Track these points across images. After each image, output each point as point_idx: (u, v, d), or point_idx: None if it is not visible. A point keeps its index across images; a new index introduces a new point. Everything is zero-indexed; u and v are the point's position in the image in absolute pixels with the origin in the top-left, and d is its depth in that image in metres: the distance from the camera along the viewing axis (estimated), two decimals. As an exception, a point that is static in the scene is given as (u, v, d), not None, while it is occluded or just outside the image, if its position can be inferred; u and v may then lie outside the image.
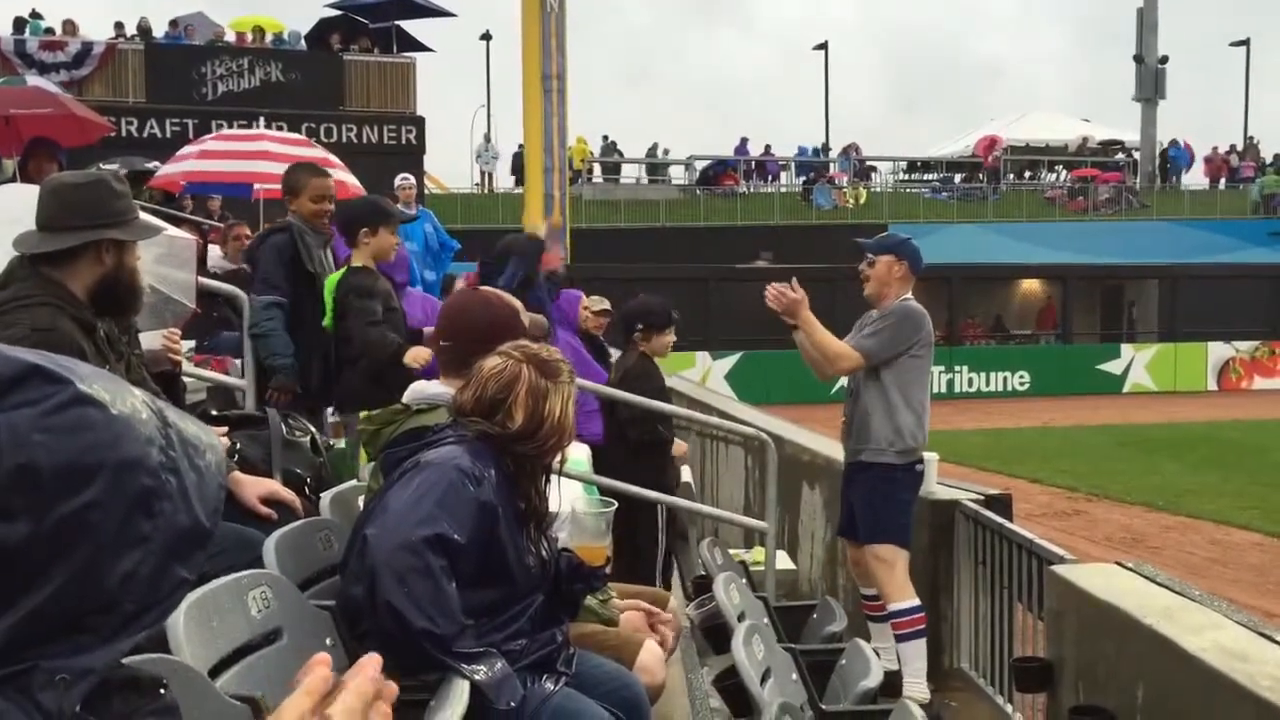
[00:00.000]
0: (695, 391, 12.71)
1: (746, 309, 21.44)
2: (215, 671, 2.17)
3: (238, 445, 3.59)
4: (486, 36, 38.49)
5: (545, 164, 15.99)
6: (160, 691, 1.10)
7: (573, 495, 3.98)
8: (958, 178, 37.85)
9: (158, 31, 25.64)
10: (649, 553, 5.97)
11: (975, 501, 5.79)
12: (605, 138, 35.86)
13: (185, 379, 4.44)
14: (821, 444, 7.56)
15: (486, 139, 34.68)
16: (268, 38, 26.00)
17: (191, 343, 6.54)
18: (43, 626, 0.95)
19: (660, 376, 6.40)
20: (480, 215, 29.13)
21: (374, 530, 2.57)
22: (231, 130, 15.13)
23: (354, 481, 3.75)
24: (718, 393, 16.43)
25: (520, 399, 2.77)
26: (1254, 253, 31.00)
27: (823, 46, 43.48)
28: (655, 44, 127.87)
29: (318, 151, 9.87)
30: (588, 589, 3.04)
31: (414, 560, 2.49)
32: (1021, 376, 26.60)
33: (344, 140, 23.78)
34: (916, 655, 5.31)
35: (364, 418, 3.26)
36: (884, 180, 37.70)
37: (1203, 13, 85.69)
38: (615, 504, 3.98)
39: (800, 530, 7.65)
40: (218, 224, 10.10)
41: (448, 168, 55.10)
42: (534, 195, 16.34)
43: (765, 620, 4.29)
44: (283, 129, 14.92)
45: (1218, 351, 27.45)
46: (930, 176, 38.40)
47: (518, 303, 3.68)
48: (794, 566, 7.29)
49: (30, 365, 0.97)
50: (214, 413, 4.33)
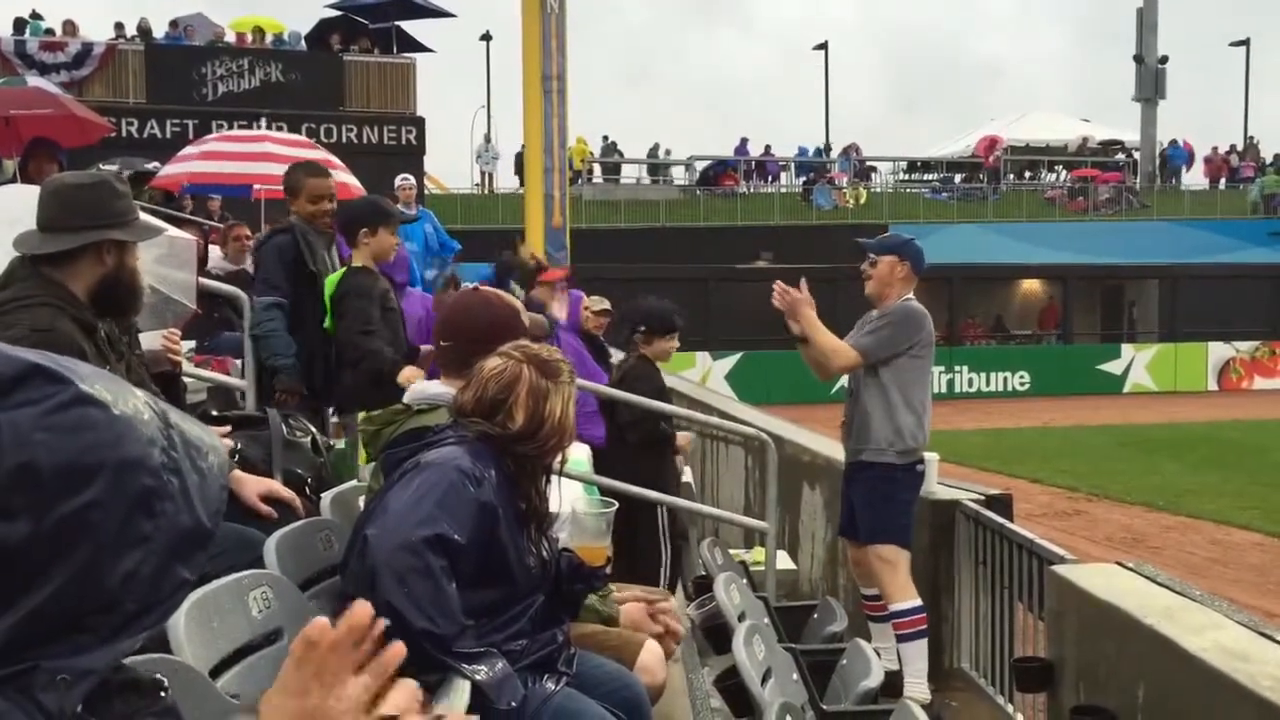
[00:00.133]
0: (695, 391, 12.70)
1: (747, 309, 21.65)
2: (216, 672, 2.17)
3: (239, 446, 3.58)
4: (486, 37, 38.52)
5: (545, 164, 15.96)
6: (161, 694, 1.10)
7: (573, 496, 3.97)
8: (958, 178, 37.83)
9: (158, 32, 25.63)
10: (650, 553, 5.96)
11: (976, 501, 5.79)
12: (605, 138, 35.88)
13: (185, 379, 4.43)
14: (822, 444, 7.56)
15: (486, 139, 34.69)
16: (268, 38, 25.98)
17: (192, 343, 6.52)
18: (43, 626, 0.95)
19: (660, 378, 6.38)
20: (480, 216, 29.15)
21: (374, 530, 2.57)
22: (234, 131, 15.14)
23: (354, 482, 3.75)
24: (718, 393, 16.42)
25: (521, 399, 2.76)
26: (1254, 253, 30.98)
27: (823, 46, 43.50)
28: (655, 44, 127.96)
29: (320, 153, 9.84)
30: (588, 589, 3.04)
31: (414, 561, 2.49)
32: (1022, 377, 26.62)
33: (344, 141, 23.74)
34: (918, 655, 5.31)
35: (365, 418, 3.26)
36: (884, 180, 37.67)
37: (1203, 13, 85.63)
38: (616, 504, 3.97)
39: (801, 530, 7.65)
40: (218, 224, 10.08)
41: (448, 168, 55.14)
42: (534, 195, 16.31)
43: (766, 620, 4.29)
44: (283, 129, 14.93)
45: (1218, 351, 27.47)
46: (930, 176, 38.37)
47: (518, 303, 3.68)
48: (794, 566, 7.29)
49: (32, 365, 0.97)
50: (214, 413, 4.32)
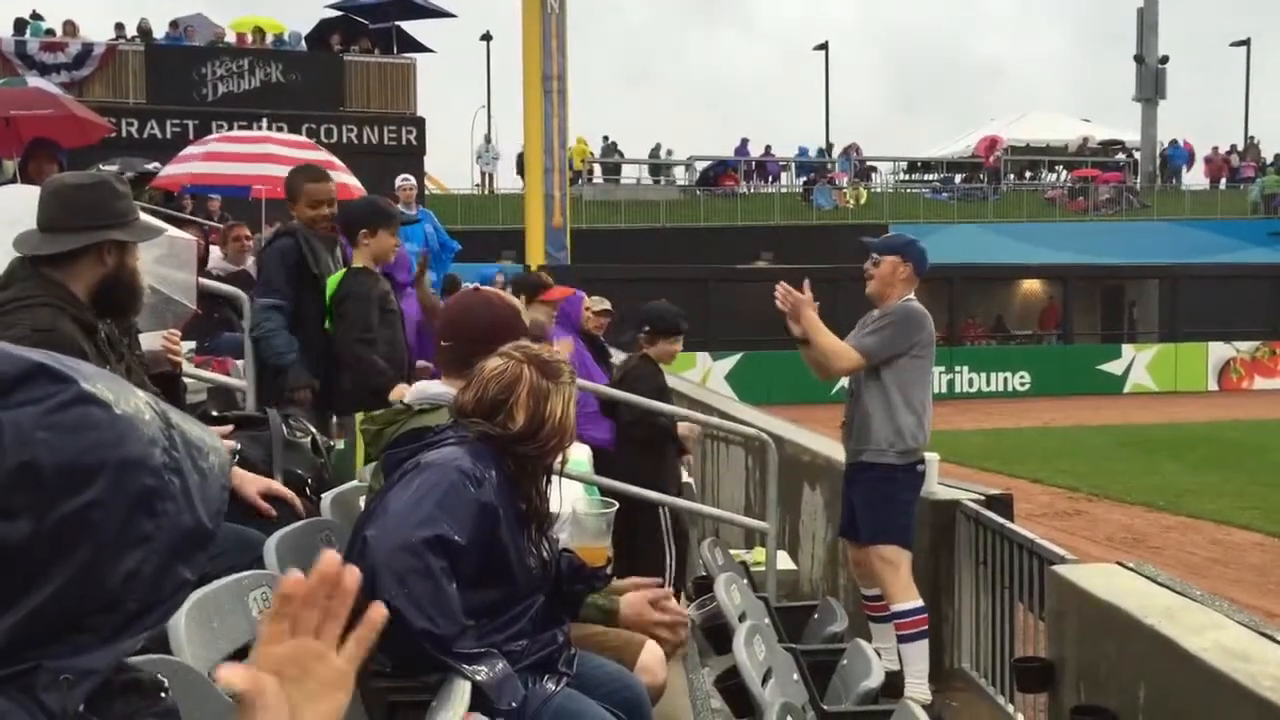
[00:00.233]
0: (695, 392, 12.69)
1: (747, 309, 21.66)
2: (216, 672, 2.16)
3: (239, 446, 3.58)
4: (487, 37, 38.52)
5: (545, 164, 15.99)
6: (161, 694, 1.10)
7: (573, 496, 3.97)
8: (958, 178, 37.85)
9: (158, 32, 25.64)
10: (650, 554, 5.96)
11: (976, 502, 5.79)
12: (605, 138, 35.89)
13: (185, 380, 4.43)
14: (822, 444, 7.56)
15: (487, 139, 34.70)
16: (268, 39, 25.99)
17: (192, 344, 6.52)
18: (44, 626, 0.95)
19: (661, 377, 6.39)
20: (480, 216, 29.19)
21: (374, 531, 2.57)
22: (236, 132, 15.13)
23: (354, 482, 3.74)
24: (718, 393, 16.41)
25: (521, 400, 2.76)
26: (1254, 253, 30.99)
27: (823, 47, 43.47)
28: (655, 44, 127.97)
29: (322, 154, 9.82)
30: (589, 589, 3.04)
31: (414, 561, 2.49)
32: (1022, 377, 26.61)
33: (344, 141, 23.74)
34: (919, 656, 5.31)
35: (366, 418, 3.26)
36: (884, 180, 37.68)
37: (1203, 13, 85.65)
38: (616, 505, 3.97)
39: (801, 530, 7.65)
40: (218, 225, 10.07)
41: (448, 168, 55.10)
42: (534, 196, 16.35)
43: (766, 620, 4.28)
44: (283, 130, 14.90)
45: (1218, 351, 27.45)
46: (930, 177, 38.37)
47: (519, 303, 3.68)
48: (795, 567, 7.28)
49: (35, 364, 0.97)
50: (215, 413, 4.31)
